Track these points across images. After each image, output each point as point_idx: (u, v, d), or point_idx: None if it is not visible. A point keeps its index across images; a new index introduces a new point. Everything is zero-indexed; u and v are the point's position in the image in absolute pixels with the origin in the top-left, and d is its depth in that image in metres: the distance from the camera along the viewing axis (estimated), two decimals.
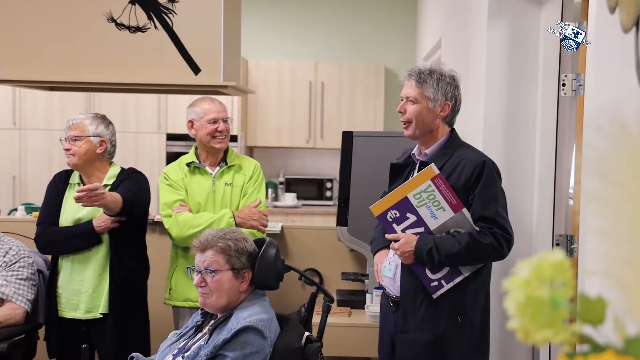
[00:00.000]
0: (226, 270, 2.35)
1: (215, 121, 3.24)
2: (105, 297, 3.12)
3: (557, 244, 2.77)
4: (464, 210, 2.47)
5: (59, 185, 3.25)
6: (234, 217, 3.13)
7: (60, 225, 3.18)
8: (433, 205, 2.46)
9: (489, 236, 2.43)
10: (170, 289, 3.28)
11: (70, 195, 3.18)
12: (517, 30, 2.95)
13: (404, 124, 2.60)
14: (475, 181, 2.47)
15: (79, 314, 3.16)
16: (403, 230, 2.51)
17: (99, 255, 3.14)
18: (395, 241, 2.52)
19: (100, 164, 3.20)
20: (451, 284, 2.49)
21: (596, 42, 1.91)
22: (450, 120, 2.61)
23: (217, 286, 2.34)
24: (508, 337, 2.91)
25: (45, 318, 3.25)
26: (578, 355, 0.68)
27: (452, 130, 2.63)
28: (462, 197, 2.47)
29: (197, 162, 3.28)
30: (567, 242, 2.75)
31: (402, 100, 2.61)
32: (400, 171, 2.69)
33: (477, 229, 2.45)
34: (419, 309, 2.51)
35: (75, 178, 3.23)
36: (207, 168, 3.28)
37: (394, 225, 2.52)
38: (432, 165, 2.47)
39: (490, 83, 2.99)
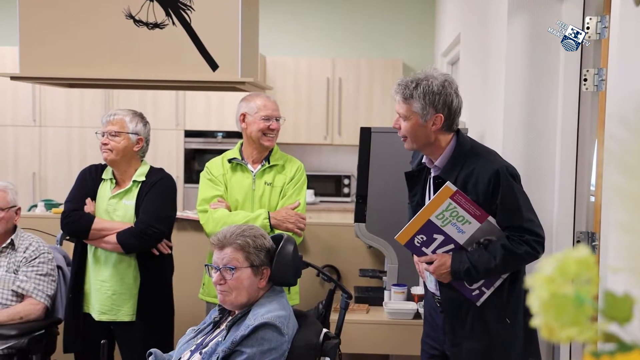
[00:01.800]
0: (245, 268, 2.34)
1: (268, 118, 3.20)
2: (133, 302, 3.12)
3: (578, 241, 2.74)
4: (490, 218, 2.41)
5: (93, 176, 3.25)
6: (269, 218, 3.10)
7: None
8: (458, 222, 2.41)
9: (522, 245, 2.38)
10: (203, 284, 3.30)
11: (103, 190, 3.20)
12: (537, 25, 2.91)
13: (402, 139, 2.51)
14: (493, 193, 2.40)
15: (96, 315, 3.14)
16: (433, 251, 2.46)
17: (123, 257, 3.13)
18: (428, 263, 2.47)
19: (134, 162, 3.20)
20: (492, 289, 2.45)
21: (619, 35, 1.88)
22: (449, 128, 2.48)
23: (236, 284, 2.33)
24: None
25: (67, 312, 3.23)
26: (604, 354, 0.66)
27: (458, 134, 2.51)
28: (484, 206, 2.41)
29: (240, 158, 3.25)
30: (589, 240, 2.72)
31: (397, 115, 2.51)
32: (416, 178, 2.62)
33: (506, 234, 2.40)
34: (465, 319, 2.47)
35: (108, 174, 3.23)
36: (249, 165, 3.25)
37: (423, 248, 2.47)
38: (449, 183, 2.40)
39: (511, 79, 2.96)
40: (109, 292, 3.12)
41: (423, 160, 2.59)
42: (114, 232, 3.08)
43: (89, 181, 3.24)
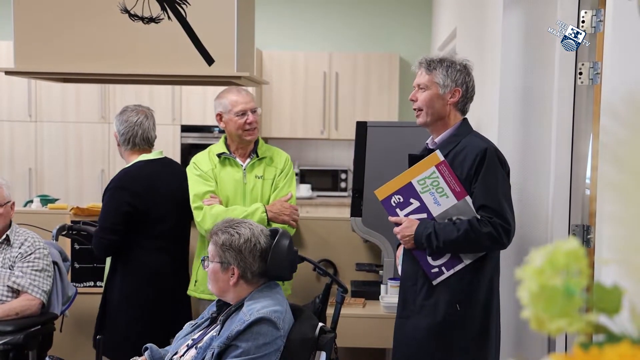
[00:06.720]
0: (215, 262, 2.36)
1: (244, 113, 3.17)
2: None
3: (574, 234, 2.74)
4: (467, 198, 2.47)
5: None
6: (266, 212, 3.10)
7: None
8: (437, 192, 2.47)
9: (488, 225, 2.42)
10: (195, 281, 3.27)
11: None
12: (533, 18, 2.91)
13: (416, 112, 2.61)
14: (477, 168, 2.47)
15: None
16: (406, 215, 2.53)
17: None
18: (397, 225, 2.53)
19: (127, 156, 3.32)
20: (452, 271, 2.50)
21: (614, 28, 1.88)
22: (462, 108, 2.62)
23: (209, 274, 2.39)
24: (523, 325, 2.88)
25: None
26: (593, 345, 0.66)
27: (464, 119, 2.64)
28: (465, 184, 2.47)
29: (228, 152, 3.24)
30: (584, 232, 2.72)
31: (414, 89, 2.63)
32: (417, 162, 2.69)
33: (478, 217, 2.45)
34: (418, 294, 2.53)
35: None
36: (238, 159, 3.24)
37: (397, 210, 2.54)
38: (437, 151, 2.48)
39: (506, 72, 2.96)
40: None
41: (429, 144, 2.66)
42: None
43: None
